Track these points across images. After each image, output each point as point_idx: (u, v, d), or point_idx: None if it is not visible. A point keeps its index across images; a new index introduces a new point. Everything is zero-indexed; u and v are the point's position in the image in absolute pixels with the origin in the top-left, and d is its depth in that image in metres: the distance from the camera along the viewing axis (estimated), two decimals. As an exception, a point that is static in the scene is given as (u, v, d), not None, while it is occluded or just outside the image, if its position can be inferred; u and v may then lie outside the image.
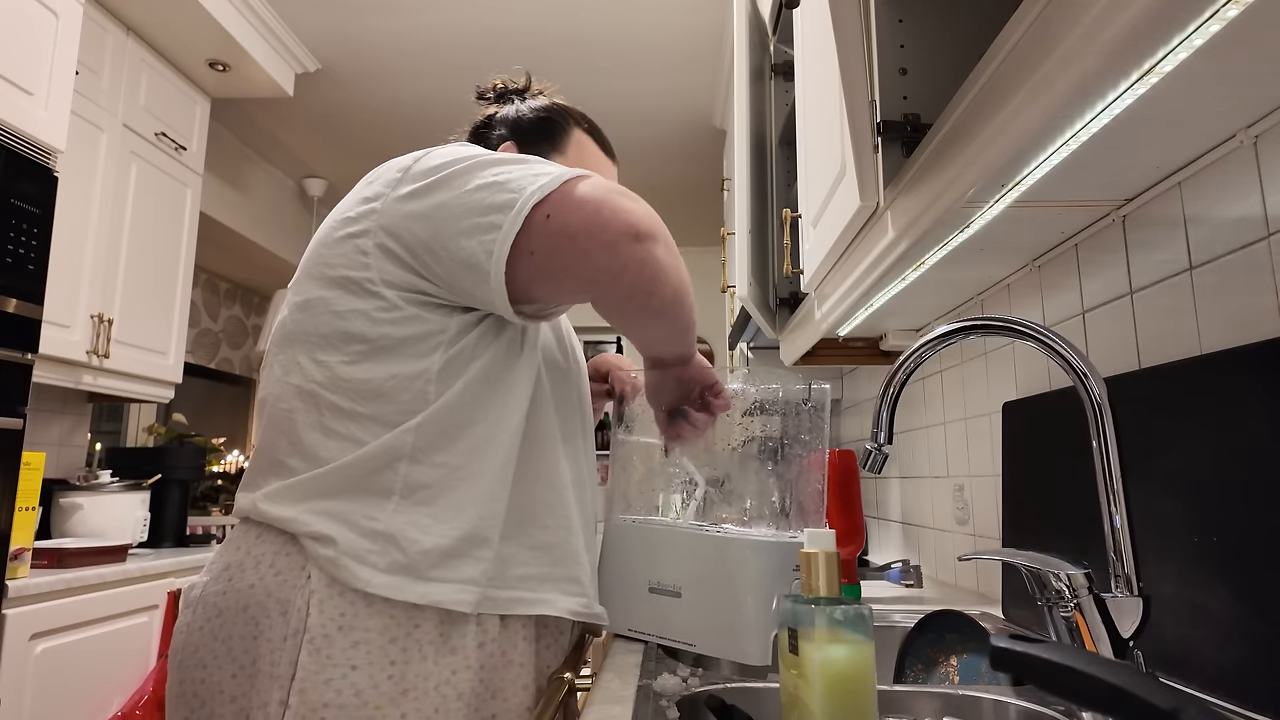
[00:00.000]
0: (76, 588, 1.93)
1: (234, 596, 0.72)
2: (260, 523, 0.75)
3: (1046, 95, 0.61)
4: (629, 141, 3.58)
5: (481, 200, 0.72)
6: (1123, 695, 0.41)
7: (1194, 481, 0.74)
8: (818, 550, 0.57)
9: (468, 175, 0.74)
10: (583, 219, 0.71)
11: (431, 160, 0.77)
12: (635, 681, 0.77)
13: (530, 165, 0.74)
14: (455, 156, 0.76)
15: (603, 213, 0.71)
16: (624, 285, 0.73)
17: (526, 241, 0.70)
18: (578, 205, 0.71)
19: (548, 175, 0.72)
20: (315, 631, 0.68)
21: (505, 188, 0.71)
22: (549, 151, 0.96)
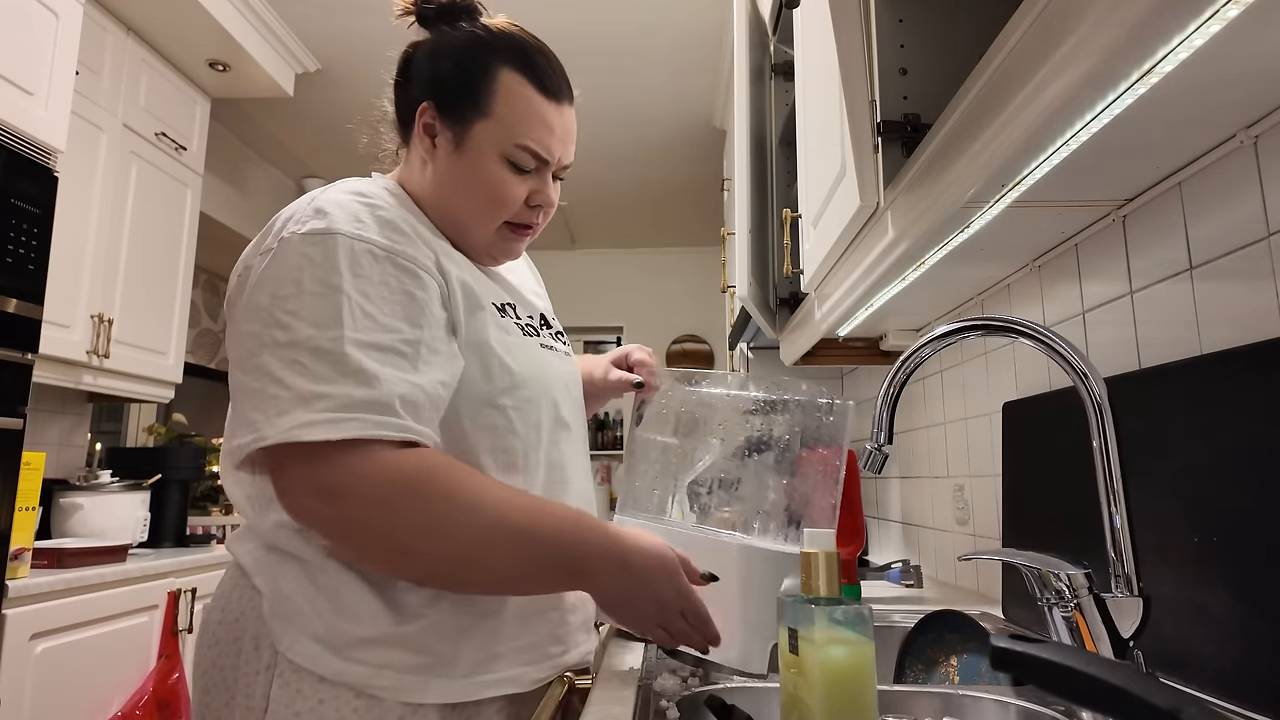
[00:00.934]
0: (76, 588, 1.92)
1: (227, 628, 0.74)
2: None
3: (1046, 95, 0.61)
4: (629, 142, 3.58)
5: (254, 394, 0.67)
6: (1123, 695, 0.41)
7: (1194, 481, 0.74)
8: (818, 550, 0.57)
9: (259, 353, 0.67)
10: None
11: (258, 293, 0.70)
12: (635, 681, 0.77)
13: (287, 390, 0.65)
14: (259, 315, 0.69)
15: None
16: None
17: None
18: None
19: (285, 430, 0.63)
20: (285, 666, 0.69)
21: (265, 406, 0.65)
22: (473, 115, 0.79)
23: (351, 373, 0.65)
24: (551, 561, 0.69)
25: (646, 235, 4.79)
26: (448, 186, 0.81)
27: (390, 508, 0.65)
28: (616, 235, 4.80)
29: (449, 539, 0.66)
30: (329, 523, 0.67)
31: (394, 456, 0.65)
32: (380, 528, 0.66)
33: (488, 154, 0.80)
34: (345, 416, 0.63)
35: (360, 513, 0.65)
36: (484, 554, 0.67)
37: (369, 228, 0.72)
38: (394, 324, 0.69)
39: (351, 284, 0.68)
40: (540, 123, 0.81)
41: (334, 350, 0.65)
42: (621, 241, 4.91)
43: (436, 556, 0.67)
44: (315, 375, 0.64)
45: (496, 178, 0.80)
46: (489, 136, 0.80)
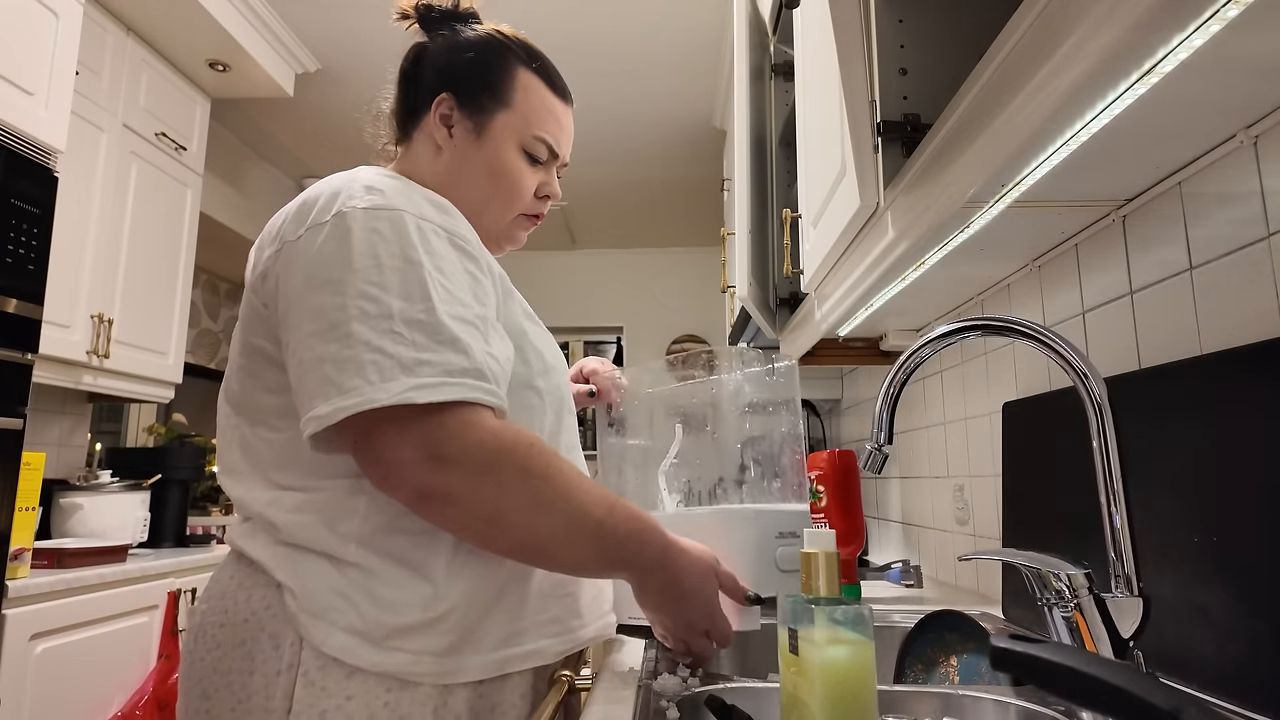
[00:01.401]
0: (76, 588, 1.92)
1: (231, 630, 0.71)
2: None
3: (1046, 95, 0.61)
4: (629, 142, 3.58)
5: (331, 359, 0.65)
6: (1123, 695, 0.41)
7: (1194, 481, 0.74)
8: (818, 550, 0.57)
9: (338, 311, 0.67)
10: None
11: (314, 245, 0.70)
12: (635, 681, 0.77)
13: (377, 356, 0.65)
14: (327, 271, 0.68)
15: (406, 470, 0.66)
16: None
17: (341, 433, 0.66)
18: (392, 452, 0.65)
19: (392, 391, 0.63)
20: (310, 664, 0.67)
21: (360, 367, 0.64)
22: (493, 106, 0.84)
23: (448, 341, 0.66)
24: (616, 558, 0.73)
25: (646, 235, 4.79)
26: (466, 173, 0.84)
27: (499, 478, 0.66)
28: (616, 235, 4.80)
29: (545, 518, 0.68)
30: (434, 489, 0.65)
31: (497, 425, 0.67)
32: (486, 497, 0.66)
33: (507, 143, 0.85)
34: (452, 381, 0.65)
35: (470, 480, 0.65)
36: (569, 539, 0.70)
37: (425, 207, 0.73)
38: (467, 299, 0.71)
39: (427, 259, 0.69)
40: (552, 118, 0.87)
41: (429, 321, 0.66)
42: (621, 241, 4.91)
43: (529, 533, 0.68)
44: (415, 344, 0.65)
45: (515, 166, 0.85)
46: (508, 126, 0.84)
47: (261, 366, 0.75)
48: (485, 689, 0.73)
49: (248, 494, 0.75)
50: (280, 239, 0.73)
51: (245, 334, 0.76)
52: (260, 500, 0.73)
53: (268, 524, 0.73)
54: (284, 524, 0.71)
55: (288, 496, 0.72)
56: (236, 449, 0.77)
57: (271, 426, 0.75)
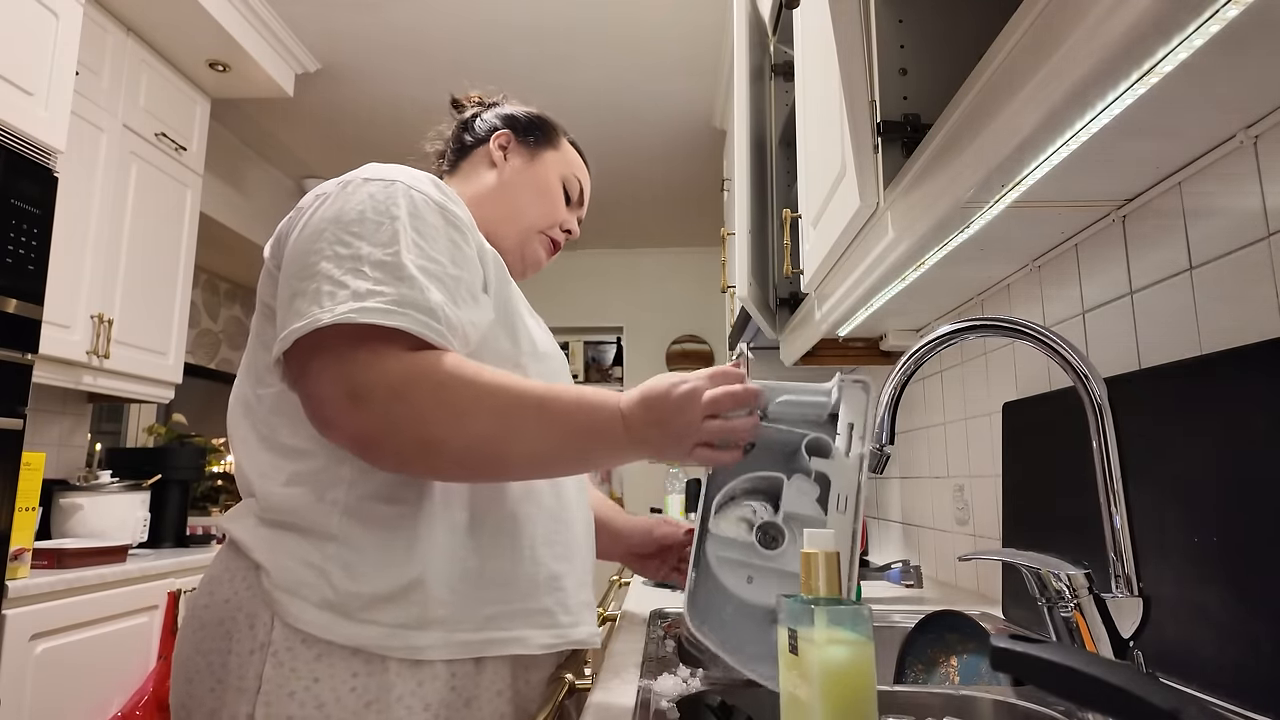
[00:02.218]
0: (77, 588, 1.92)
1: (213, 610, 0.72)
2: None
3: (1046, 95, 0.61)
4: (629, 142, 3.58)
5: (316, 274, 0.69)
6: (1123, 695, 0.41)
7: (1194, 481, 0.74)
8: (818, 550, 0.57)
9: (332, 233, 0.72)
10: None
11: (336, 199, 0.76)
12: (635, 681, 0.77)
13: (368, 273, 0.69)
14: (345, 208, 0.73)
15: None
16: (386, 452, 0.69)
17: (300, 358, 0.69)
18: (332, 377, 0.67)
19: (355, 306, 0.66)
20: (279, 644, 0.68)
21: (334, 283, 0.68)
22: (544, 146, 0.99)
23: (405, 279, 0.69)
24: (578, 426, 0.70)
25: (646, 235, 4.79)
26: (514, 185, 0.96)
27: (411, 401, 0.66)
28: (616, 235, 4.80)
29: (472, 419, 0.67)
30: (358, 431, 0.66)
31: (413, 354, 0.67)
32: (404, 421, 0.66)
33: (553, 172, 0.99)
34: (396, 310, 0.66)
35: (381, 410, 0.65)
36: (511, 430, 0.68)
37: (427, 187, 0.79)
38: (440, 258, 0.73)
39: (408, 219, 0.73)
40: (583, 174, 1.04)
41: (392, 262, 0.69)
42: (621, 241, 4.91)
43: (465, 440, 0.67)
44: (373, 279, 0.68)
45: (556, 189, 0.99)
46: (555, 161, 1.00)
47: (264, 324, 0.78)
48: (460, 681, 0.72)
49: (247, 459, 0.77)
50: (297, 206, 0.80)
51: (259, 297, 0.80)
52: (256, 468, 0.75)
53: (256, 499, 0.74)
54: (274, 497, 0.73)
55: (280, 467, 0.74)
56: (239, 410, 0.79)
57: (265, 382, 0.77)
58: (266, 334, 0.77)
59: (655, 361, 4.87)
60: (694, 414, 0.70)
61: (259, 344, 0.79)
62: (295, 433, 0.74)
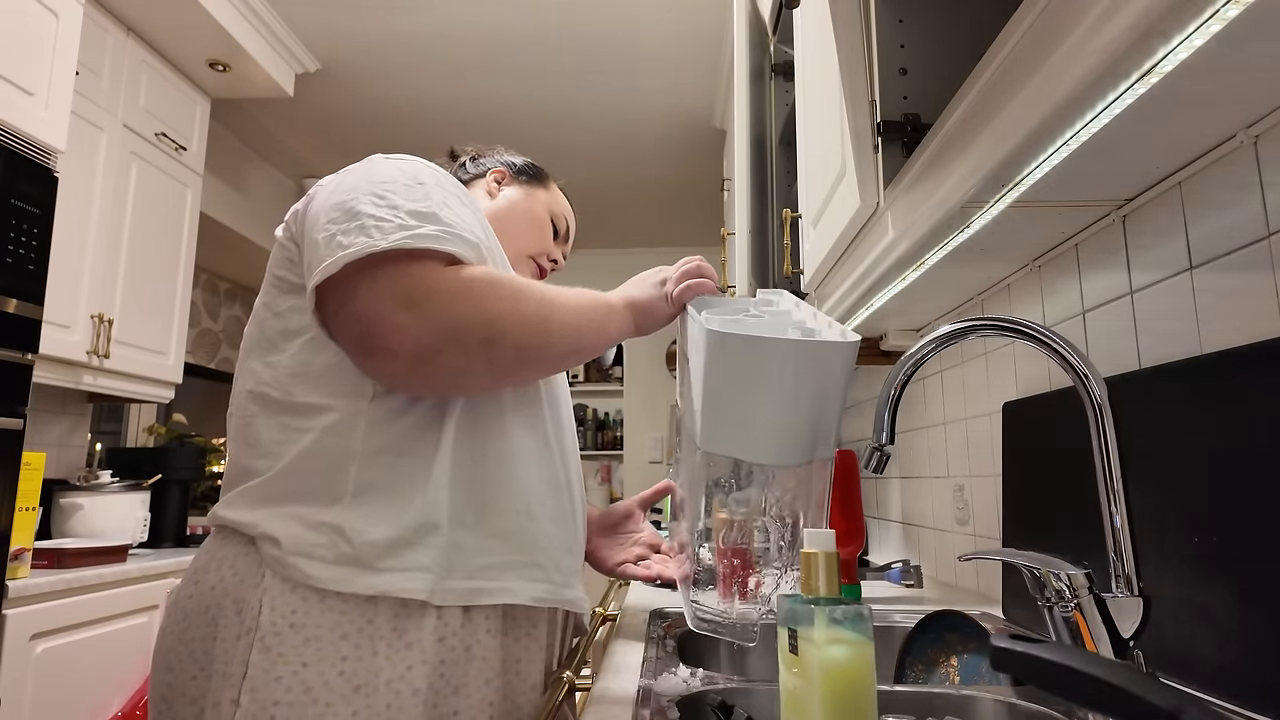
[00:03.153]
0: (77, 588, 1.92)
1: (198, 599, 0.73)
2: (224, 527, 0.76)
3: (1046, 95, 0.61)
4: (629, 141, 3.58)
5: (349, 213, 0.73)
6: (1123, 695, 0.41)
7: (1194, 481, 0.74)
8: (818, 550, 0.57)
9: (361, 189, 0.76)
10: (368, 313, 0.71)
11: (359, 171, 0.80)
12: (635, 681, 0.77)
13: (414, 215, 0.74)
14: (378, 174, 0.78)
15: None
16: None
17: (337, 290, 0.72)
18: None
19: (410, 232, 0.71)
20: (266, 629, 0.68)
21: (377, 220, 0.72)
22: (537, 185, 1.08)
23: (444, 222, 0.74)
24: (588, 300, 0.81)
25: (646, 235, 4.79)
26: (508, 211, 1.03)
27: (469, 296, 0.71)
28: (616, 235, 4.80)
29: (525, 300, 0.74)
30: (419, 334, 0.69)
31: (459, 266, 0.74)
32: (469, 315, 0.71)
33: (543, 206, 1.07)
34: (445, 236, 0.73)
35: (446, 310, 0.70)
36: (552, 307, 0.76)
37: (441, 171, 0.84)
38: (469, 222, 0.78)
39: (435, 189, 0.78)
40: (570, 215, 1.12)
41: (429, 210, 0.74)
42: (621, 241, 4.91)
43: (521, 321, 0.73)
44: (415, 219, 0.72)
45: (545, 221, 1.06)
46: (545, 200, 1.08)
47: (275, 295, 0.80)
48: (449, 669, 0.72)
49: (251, 439, 0.77)
50: (309, 196, 0.82)
51: (270, 270, 0.82)
52: (262, 445, 0.76)
53: (260, 477, 0.75)
54: (285, 465, 0.74)
55: (292, 431, 0.75)
56: (245, 388, 0.80)
57: (279, 348, 0.78)
58: (278, 303, 0.80)
59: (655, 361, 4.87)
60: (668, 273, 0.88)
61: (269, 314, 0.80)
62: (312, 390, 0.75)
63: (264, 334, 0.80)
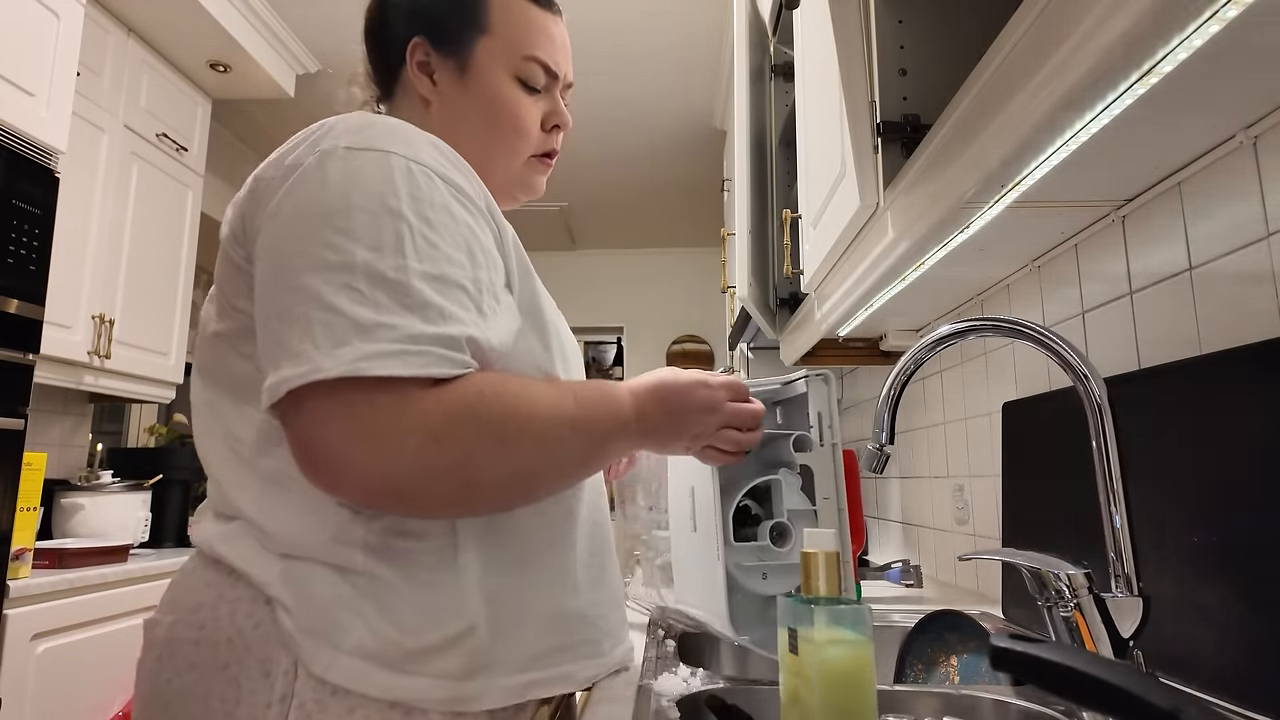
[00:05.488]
0: (78, 588, 1.93)
1: (210, 650, 0.60)
2: None
3: (1046, 95, 0.61)
4: (629, 142, 3.58)
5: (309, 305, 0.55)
6: (1123, 695, 0.41)
7: (1194, 481, 0.74)
8: (818, 550, 0.57)
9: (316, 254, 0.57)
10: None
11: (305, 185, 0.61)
12: (635, 681, 0.77)
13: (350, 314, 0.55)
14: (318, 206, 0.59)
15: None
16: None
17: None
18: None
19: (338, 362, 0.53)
20: (306, 696, 0.57)
21: (325, 328, 0.55)
22: (471, 36, 0.75)
23: (417, 306, 0.56)
24: (603, 433, 0.66)
25: (646, 235, 4.79)
26: (461, 122, 0.75)
27: (448, 443, 0.56)
28: (616, 235, 4.80)
29: (516, 453, 0.60)
30: (380, 479, 0.56)
31: (440, 391, 0.57)
32: (444, 466, 0.57)
33: (498, 75, 0.75)
34: (413, 349, 0.55)
35: (416, 457, 0.55)
36: (551, 455, 0.62)
37: (422, 149, 0.63)
38: (457, 256, 0.60)
39: (410, 206, 0.59)
40: (542, 33, 0.77)
41: (397, 280, 0.56)
42: (621, 241, 4.91)
43: (507, 476, 0.61)
44: (375, 304, 0.55)
45: (512, 99, 0.75)
46: (494, 54, 0.75)
47: (236, 332, 0.65)
48: (500, 715, 0.64)
49: (234, 487, 0.64)
50: (256, 178, 0.65)
51: (221, 290, 0.67)
52: (247, 494, 0.63)
53: (256, 529, 0.62)
54: (277, 530, 0.61)
55: (279, 497, 0.62)
56: (218, 432, 0.66)
57: (243, 398, 0.64)
58: (244, 346, 0.64)
59: (655, 362, 4.87)
60: (713, 421, 0.71)
61: (233, 353, 0.65)
62: (289, 459, 0.61)
63: (231, 374, 0.66)
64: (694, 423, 0.71)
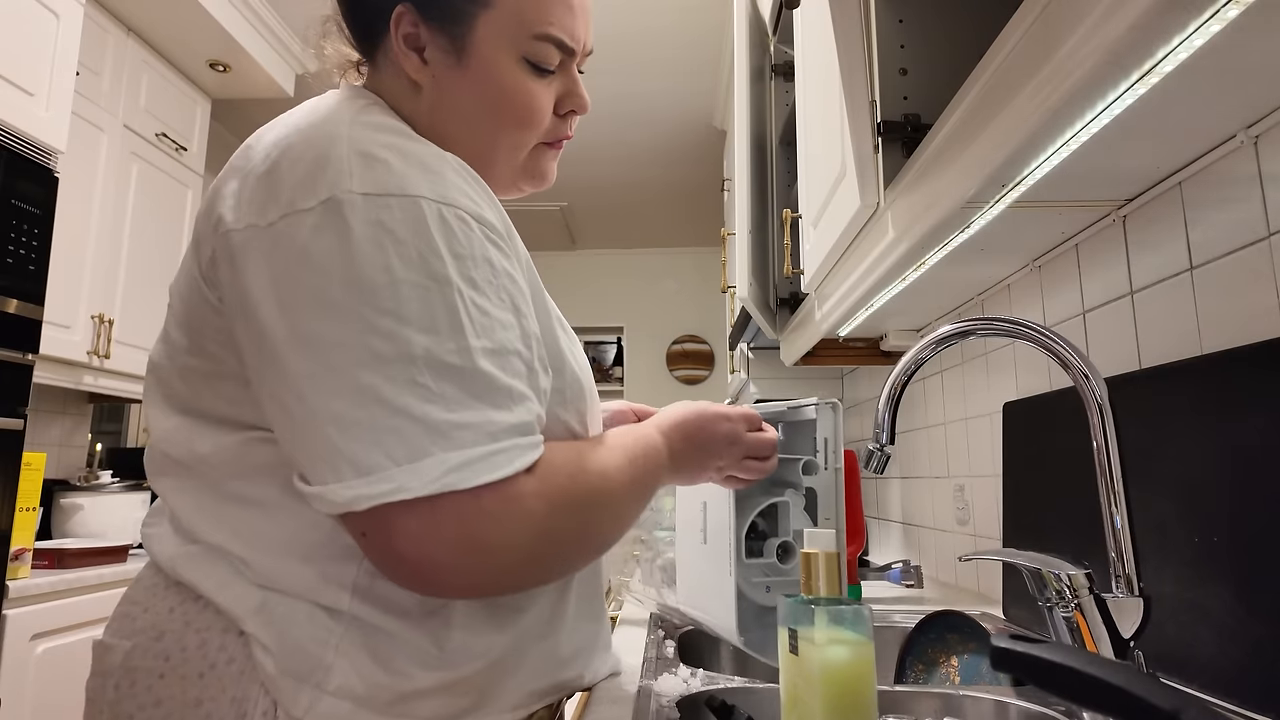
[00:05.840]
0: (77, 588, 1.92)
1: (178, 685, 0.54)
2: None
3: (1046, 95, 0.61)
4: (629, 141, 3.58)
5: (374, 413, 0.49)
6: (1123, 695, 0.41)
7: (1194, 481, 0.74)
8: (818, 550, 0.57)
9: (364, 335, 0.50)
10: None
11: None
12: (636, 681, 0.77)
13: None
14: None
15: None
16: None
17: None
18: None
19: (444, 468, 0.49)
20: None
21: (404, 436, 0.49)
22: (470, 8, 0.61)
23: (487, 393, 0.52)
24: (654, 485, 0.67)
25: (646, 235, 4.79)
26: (458, 112, 0.64)
27: (559, 535, 0.55)
28: (616, 235, 4.80)
29: (600, 532, 0.60)
30: (488, 583, 0.54)
31: (535, 481, 0.53)
32: (551, 559, 0.56)
33: (501, 58, 0.62)
34: (496, 448, 0.51)
35: (527, 558, 0.54)
36: (622, 524, 0.63)
37: (446, 183, 0.55)
38: (506, 317, 0.55)
39: (455, 269, 0.52)
40: (559, 2, 0.64)
41: (462, 366, 0.51)
42: (621, 241, 4.91)
43: (592, 553, 0.62)
44: (445, 399, 0.50)
45: (519, 87, 0.63)
46: (498, 32, 0.62)
47: (217, 380, 0.58)
48: None
49: (191, 510, 0.58)
50: (241, 218, 0.54)
51: (196, 330, 0.59)
52: (207, 522, 0.58)
53: (227, 554, 0.57)
54: (255, 560, 0.56)
55: (258, 529, 0.56)
56: (180, 448, 0.59)
57: (225, 428, 0.58)
58: (223, 389, 0.58)
59: (655, 361, 4.87)
60: (736, 452, 0.74)
61: (207, 389, 0.59)
62: (268, 484, 0.56)
63: (201, 402, 0.59)
64: (718, 455, 0.73)
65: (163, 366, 0.62)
